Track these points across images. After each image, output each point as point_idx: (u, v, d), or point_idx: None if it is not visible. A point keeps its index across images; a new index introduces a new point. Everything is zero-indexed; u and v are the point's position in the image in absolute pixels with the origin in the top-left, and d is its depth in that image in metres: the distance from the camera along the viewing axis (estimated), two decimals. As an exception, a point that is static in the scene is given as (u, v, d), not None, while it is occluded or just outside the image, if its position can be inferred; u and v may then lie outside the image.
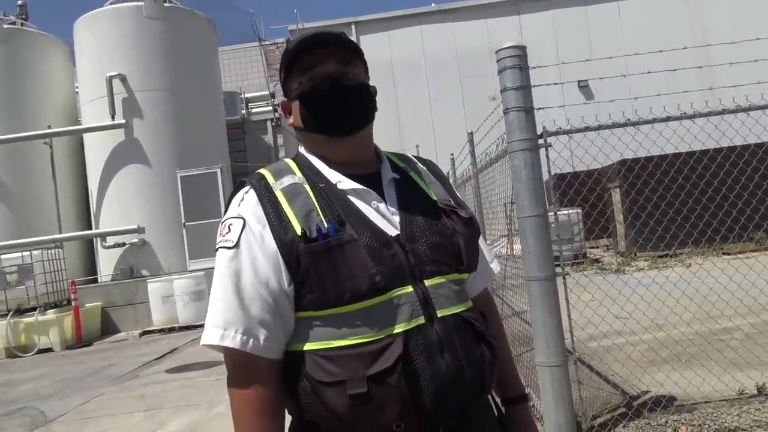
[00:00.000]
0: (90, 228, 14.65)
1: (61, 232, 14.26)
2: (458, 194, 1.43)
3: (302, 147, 1.36)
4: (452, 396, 1.16)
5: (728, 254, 10.66)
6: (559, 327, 3.48)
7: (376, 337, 1.14)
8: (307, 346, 1.18)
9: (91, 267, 14.95)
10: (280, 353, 1.20)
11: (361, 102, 1.29)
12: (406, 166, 1.39)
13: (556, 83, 4.36)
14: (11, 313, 11.10)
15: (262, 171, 1.30)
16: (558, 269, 3.57)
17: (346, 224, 1.18)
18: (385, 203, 1.26)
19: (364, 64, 1.34)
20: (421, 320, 1.16)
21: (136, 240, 13.49)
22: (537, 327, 3.53)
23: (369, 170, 1.31)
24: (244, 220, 1.21)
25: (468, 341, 1.20)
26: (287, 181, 1.25)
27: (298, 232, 1.16)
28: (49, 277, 11.77)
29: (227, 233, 1.22)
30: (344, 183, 1.26)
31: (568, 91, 16.46)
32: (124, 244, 13.58)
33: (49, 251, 12.15)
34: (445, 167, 9.67)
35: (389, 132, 19.01)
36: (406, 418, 1.13)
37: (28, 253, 11.61)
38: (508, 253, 6.35)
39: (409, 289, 1.18)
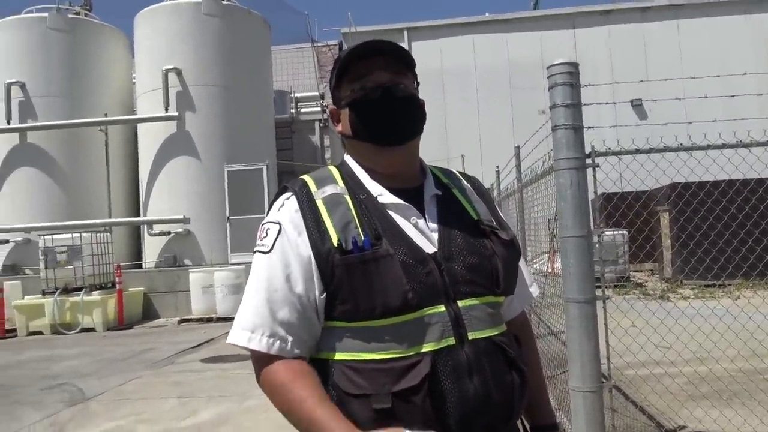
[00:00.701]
0: (138, 215, 15.08)
1: (110, 217, 14.70)
2: (501, 213, 1.41)
3: (348, 155, 1.36)
4: (478, 420, 1.15)
5: (779, 288, 10.25)
6: (596, 352, 3.41)
7: (405, 354, 1.14)
8: (336, 356, 1.19)
9: (136, 253, 15.36)
10: (307, 354, 1.21)
11: (411, 113, 1.29)
12: (450, 182, 1.37)
13: (608, 102, 4.29)
14: (58, 291, 11.50)
15: (306, 178, 1.31)
16: (599, 292, 3.50)
17: (383, 238, 1.18)
18: (425, 219, 1.25)
19: (414, 76, 1.34)
20: (452, 341, 1.15)
21: (181, 230, 13.81)
22: (573, 350, 3.47)
23: (412, 184, 1.30)
24: (281, 225, 1.22)
25: (498, 366, 1.19)
26: (329, 190, 1.25)
27: (335, 242, 1.17)
28: (96, 259, 12.16)
29: (264, 237, 1.24)
30: (385, 196, 1.25)
31: (621, 110, 16.11)
32: (169, 233, 13.92)
33: (98, 235, 12.55)
34: (490, 179, 9.60)
35: (436, 141, 18.96)
36: None
37: (78, 235, 12.02)
38: (549, 270, 6.27)
39: (442, 308, 1.17)
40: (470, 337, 1.17)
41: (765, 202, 6.18)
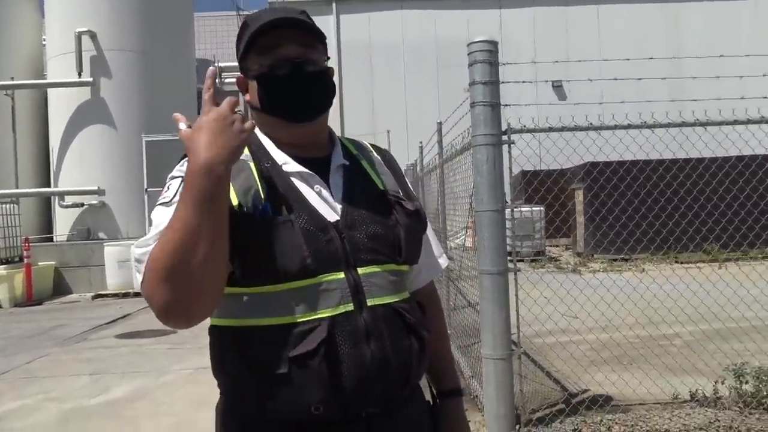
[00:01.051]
0: (48, 186, 14.30)
1: (17, 188, 13.89)
2: (411, 187, 1.43)
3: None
4: (375, 384, 1.17)
5: (680, 263, 10.99)
6: (507, 321, 3.56)
7: (302, 320, 1.14)
8: (234, 322, 1.18)
9: (47, 226, 14.61)
10: None
11: (320, 88, 1.28)
12: (359, 154, 1.38)
13: (526, 81, 4.42)
14: (-41, 266, 10.82)
15: None
16: (510, 265, 3.65)
17: (284, 206, 1.18)
18: (329, 189, 1.26)
19: (325, 48, 1.32)
20: (350, 307, 1.17)
21: (95, 202, 13.21)
22: (485, 320, 3.61)
23: (319, 154, 1.31)
24: (182, 179, 1.16)
25: (396, 331, 1.21)
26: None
27: (236, 207, 1.15)
28: (2, 232, 11.49)
29: (166, 191, 1.22)
30: (290, 165, 1.25)
31: (542, 91, 16.60)
32: (82, 204, 13.29)
33: (4, 206, 11.86)
34: (415, 155, 9.70)
35: (362, 115, 18.94)
36: (326, 402, 1.14)
37: (-19, 206, 11.31)
38: (471, 245, 6.44)
39: (341, 275, 1.18)
40: (369, 303, 1.19)
41: (668, 181, 6.59)
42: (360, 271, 1.20)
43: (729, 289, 4.45)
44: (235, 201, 1.16)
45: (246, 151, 1.25)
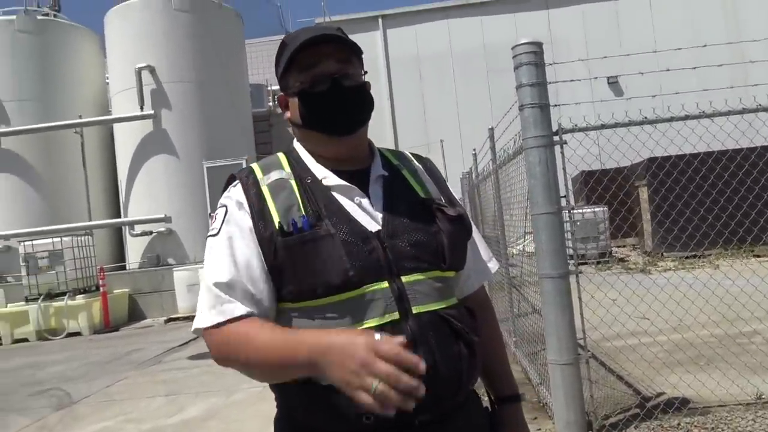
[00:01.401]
0: (119, 216, 14.96)
1: (90, 220, 14.57)
2: (453, 193, 1.43)
3: (296, 141, 1.38)
4: (425, 392, 1.14)
5: (757, 257, 10.44)
6: (571, 325, 3.47)
7: (349, 327, 1.16)
8: None
9: (119, 254, 15.27)
10: (266, 314, 1.22)
11: (359, 102, 1.31)
12: (399, 164, 1.39)
13: (578, 80, 4.34)
14: (42, 297, 11.41)
15: (254, 165, 1.35)
16: (572, 267, 3.56)
17: (325, 219, 1.20)
18: (369, 199, 1.27)
19: (361, 62, 1.34)
20: (396, 316, 1.17)
21: (163, 229, 13.74)
22: (549, 324, 3.54)
23: (359, 167, 1.33)
24: (227, 207, 1.26)
25: (444, 338, 1.21)
26: (274, 176, 1.28)
27: (277, 226, 1.20)
28: (78, 263, 12.06)
29: (213, 222, 1.28)
30: (329, 179, 1.28)
31: (598, 88, 16.22)
32: (151, 232, 13.84)
33: (79, 238, 12.44)
34: (468, 163, 9.64)
35: (415, 127, 18.98)
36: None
37: (58, 239, 11.91)
38: (531, 250, 6.32)
39: (385, 284, 1.18)
40: (414, 311, 1.19)
41: (743, 169, 6.27)
42: (404, 279, 1.20)
43: (810, 281, 4.21)
44: (276, 221, 1.20)
45: (287, 168, 1.30)
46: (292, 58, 1.28)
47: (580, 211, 12.82)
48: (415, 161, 1.43)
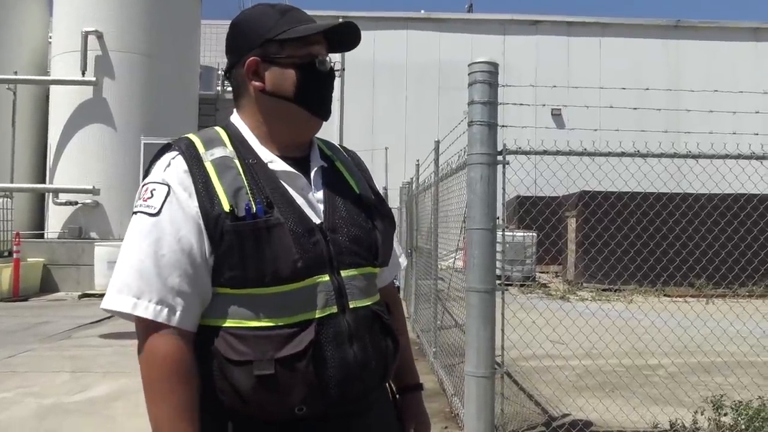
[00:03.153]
0: (43, 182, 14.27)
1: (12, 182, 13.86)
2: (378, 190, 1.45)
3: (237, 116, 1.32)
4: (356, 384, 1.20)
5: (668, 296, 11.02)
6: (492, 340, 3.57)
7: (290, 322, 1.15)
8: (220, 323, 1.16)
9: (38, 222, 14.56)
10: (194, 326, 1.17)
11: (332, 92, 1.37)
12: (332, 155, 1.40)
13: (527, 104, 4.48)
14: (-53, 256, 10.75)
15: (191, 137, 1.26)
16: (499, 284, 3.67)
17: (275, 207, 1.17)
18: (312, 190, 1.26)
19: None
20: (334, 309, 1.19)
21: (89, 201, 13.19)
22: (470, 337, 3.62)
23: (299, 154, 1.31)
24: (170, 187, 1.17)
25: (375, 333, 1.26)
26: (218, 153, 1.21)
27: (226, 208, 1.14)
28: (-7, 225, 11.44)
29: (149, 198, 1.18)
30: (275, 164, 1.24)
31: (541, 118, 16.77)
32: (76, 203, 13.26)
33: (-2, 199, 11.81)
34: (410, 173, 9.75)
35: (362, 131, 19.04)
36: (309, 402, 1.15)
37: (-26, 198, 11.26)
38: (460, 266, 6.46)
39: (326, 278, 1.19)
40: (351, 306, 1.21)
41: (661, 216, 6.64)
42: (342, 273, 1.22)
43: (714, 324, 4.49)
44: (225, 203, 1.15)
45: (230, 146, 1.24)
46: (305, 33, 1.25)
47: (511, 233, 13.19)
48: (344, 152, 1.44)
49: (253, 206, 1.14)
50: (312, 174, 1.28)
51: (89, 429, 4.20)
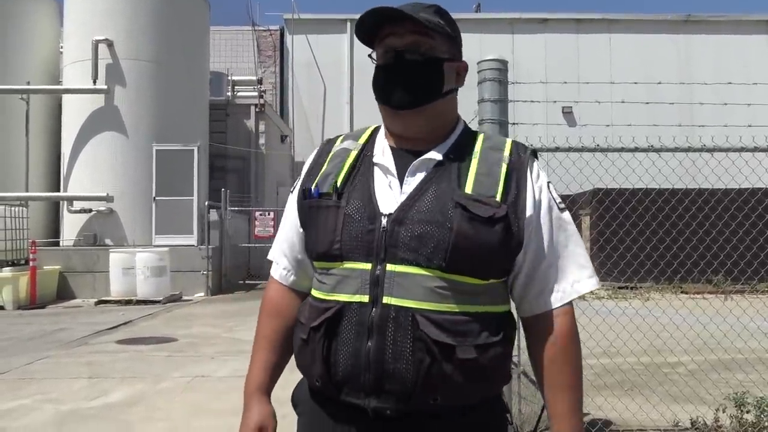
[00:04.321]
0: (58, 190, 14.39)
1: (27, 191, 13.99)
2: (542, 196, 1.28)
3: None
4: (363, 378, 1.17)
5: (686, 293, 10.90)
6: (508, 339, 3.54)
7: (327, 298, 1.24)
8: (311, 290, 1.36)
9: (54, 230, 14.68)
10: (293, 283, 1.43)
11: (421, 77, 1.27)
12: (478, 151, 1.28)
13: (537, 101, 4.45)
14: (-35, 266, 10.87)
15: (344, 133, 1.46)
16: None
17: (344, 192, 1.26)
18: (400, 182, 1.25)
19: (450, 39, 1.31)
20: (365, 299, 1.19)
21: (103, 208, 13.29)
22: (486, 337, 3.59)
23: (420, 147, 1.29)
24: (302, 171, 1.42)
25: (405, 338, 1.16)
26: (345, 144, 1.37)
27: (305, 188, 1.34)
28: (9, 234, 11.55)
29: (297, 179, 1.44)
30: (378, 156, 1.32)
31: (552, 116, 16.67)
32: (90, 210, 13.37)
33: (13, 208, 11.92)
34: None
35: (372, 133, 19.04)
36: (322, 377, 1.24)
37: (-10, 207, 11.38)
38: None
39: (367, 266, 1.19)
40: (384, 301, 1.17)
41: (677, 211, 6.57)
42: (389, 267, 1.18)
43: (734, 320, 4.42)
44: (313, 183, 1.32)
45: (362, 140, 1.37)
46: (370, 32, 1.31)
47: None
48: (505, 152, 1.29)
49: (314, 188, 1.30)
50: (412, 168, 1.27)
51: (107, 435, 4.21)
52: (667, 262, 6.66)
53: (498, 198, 1.21)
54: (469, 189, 1.21)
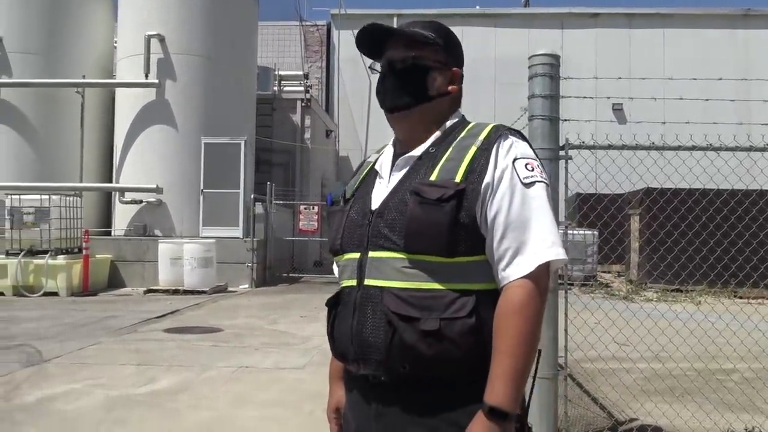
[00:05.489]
0: (110, 181, 14.83)
1: (81, 182, 14.44)
2: (503, 174, 1.32)
3: None
4: (351, 349, 1.37)
5: (741, 298, 10.50)
6: (555, 341, 3.46)
7: (341, 285, 1.46)
8: None
9: (106, 220, 15.13)
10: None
11: (404, 83, 1.42)
12: (458, 143, 1.38)
13: (588, 97, 4.33)
14: (23, 252, 11.29)
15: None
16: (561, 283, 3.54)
17: (351, 197, 1.48)
18: (387, 181, 1.44)
19: (443, 49, 1.47)
20: (353, 283, 1.39)
21: (153, 199, 13.63)
22: (533, 337, 3.52)
23: (410, 148, 1.45)
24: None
25: (377, 313, 1.33)
26: (371, 158, 1.57)
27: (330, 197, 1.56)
28: (64, 223, 11.94)
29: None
30: (379, 162, 1.50)
31: (602, 113, 16.30)
32: (140, 201, 13.72)
33: (68, 198, 12.31)
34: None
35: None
36: (333, 350, 1.48)
37: (47, 197, 11.77)
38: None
39: (357, 255, 1.39)
40: (366, 283, 1.36)
41: (736, 213, 6.30)
42: (370, 254, 1.37)
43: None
44: (334, 194, 1.54)
45: (382, 150, 1.55)
46: (372, 47, 1.51)
47: (572, 231, 12.85)
48: (480, 137, 1.37)
49: (329, 199, 1.54)
50: (395, 166, 1.44)
51: (154, 420, 4.30)
52: (724, 266, 6.40)
53: (458, 179, 1.30)
54: (434, 176, 1.33)
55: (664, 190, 5.33)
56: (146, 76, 13.73)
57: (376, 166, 1.49)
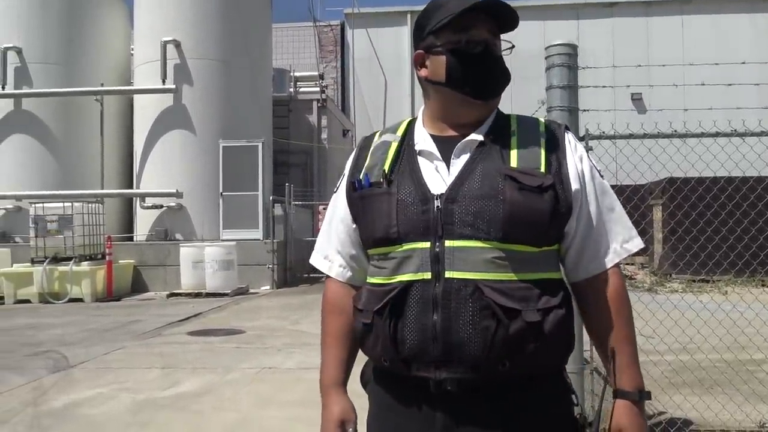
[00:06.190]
0: (131, 187, 14.99)
1: (103, 188, 14.62)
2: (584, 164, 1.34)
3: (425, 106, 1.44)
4: (432, 351, 1.23)
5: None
6: (580, 334, 3.40)
7: (389, 281, 1.29)
8: (367, 278, 1.40)
9: (128, 225, 15.30)
10: (351, 279, 1.48)
11: (502, 72, 1.37)
12: (516, 130, 1.36)
13: (606, 86, 4.25)
14: (47, 260, 11.46)
15: (381, 128, 1.53)
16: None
17: (394, 179, 1.32)
18: (447, 165, 1.32)
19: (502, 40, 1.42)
20: (427, 276, 1.24)
21: (173, 204, 13.74)
22: (557, 332, 3.47)
23: (462, 132, 1.36)
24: (347, 165, 1.47)
25: (471, 307, 1.21)
26: (384, 137, 1.43)
27: (354, 180, 1.39)
28: (87, 230, 12.10)
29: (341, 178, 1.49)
30: (422, 143, 1.37)
31: (621, 102, 16.09)
32: (161, 206, 13.85)
33: (90, 205, 12.48)
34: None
35: (433, 125, 18.89)
36: (390, 357, 1.29)
37: (69, 204, 11.94)
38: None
39: (426, 245, 1.25)
40: (446, 275, 1.23)
41: (763, 200, 6.15)
42: (448, 243, 1.24)
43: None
44: (361, 176, 1.38)
45: (400, 131, 1.43)
46: (452, 18, 1.32)
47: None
48: (540, 128, 1.37)
49: (363, 178, 1.36)
50: (456, 150, 1.33)
51: (180, 423, 4.32)
52: (752, 254, 6.25)
53: (543, 169, 1.28)
54: (514, 163, 1.29)
55: (688, 179, 5.20)
56: (163, 82, 13.86)
57: (421, 147, 1.35)
